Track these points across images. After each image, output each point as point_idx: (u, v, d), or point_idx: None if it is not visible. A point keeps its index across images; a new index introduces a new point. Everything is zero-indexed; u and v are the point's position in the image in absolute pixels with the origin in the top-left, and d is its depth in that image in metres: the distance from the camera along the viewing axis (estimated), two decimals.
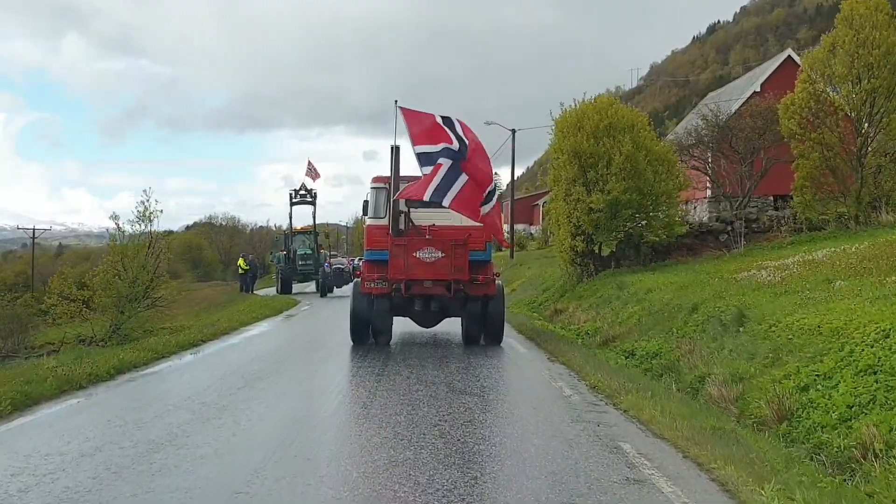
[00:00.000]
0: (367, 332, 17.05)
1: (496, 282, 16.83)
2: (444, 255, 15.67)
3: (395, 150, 15.79)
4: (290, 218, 42.31)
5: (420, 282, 15.88)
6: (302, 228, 43.13)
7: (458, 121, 14.78)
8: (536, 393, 11.88)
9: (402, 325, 19.35)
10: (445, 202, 14.43)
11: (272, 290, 42.66)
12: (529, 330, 21.18)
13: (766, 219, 28.51)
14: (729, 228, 28.89)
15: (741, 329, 13.22)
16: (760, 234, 28.62)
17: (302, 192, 41.68)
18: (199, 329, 22.35)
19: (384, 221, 16.27)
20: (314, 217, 42.68)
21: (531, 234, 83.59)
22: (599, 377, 12.54)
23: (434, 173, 14.44)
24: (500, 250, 40.14)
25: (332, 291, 38.97)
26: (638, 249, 29.05)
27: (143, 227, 27.14)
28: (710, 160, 33.72)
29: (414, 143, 14.72)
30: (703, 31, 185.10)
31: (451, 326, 20.32)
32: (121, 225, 26.68)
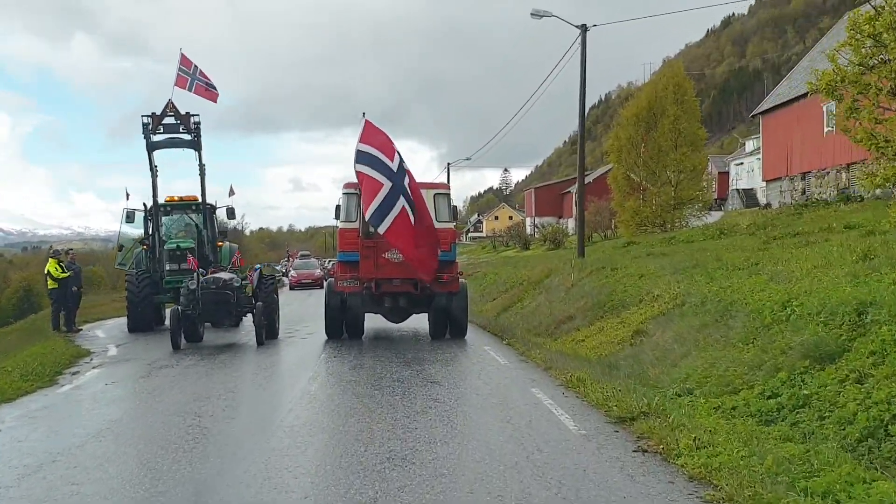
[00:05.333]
0: (341, 328, 16.15)
1: (460, 280, 16.30)
2: None
3: None
4: (153, 173, 18.94)
5: (389, 280, 15.29)
6: (180, 199, 19.86)
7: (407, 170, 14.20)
8: None
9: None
10: (381, 229, 13.91)
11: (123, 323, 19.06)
12: None
13: None
14: None
15: None
16: None
17: (171, 117, 18.28)
18: None
19: (355, 225, 15.44)
20: (202, 176, 19.27)
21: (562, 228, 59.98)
22: None
23: (376, 192, 13.70)
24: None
25: (201, 337, 15.44)
26: None
27: None
28: None
29: (359, 140, 13.99)
30: (718, 23, 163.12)
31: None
32: None
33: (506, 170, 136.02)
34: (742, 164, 60.61)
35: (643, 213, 40.08)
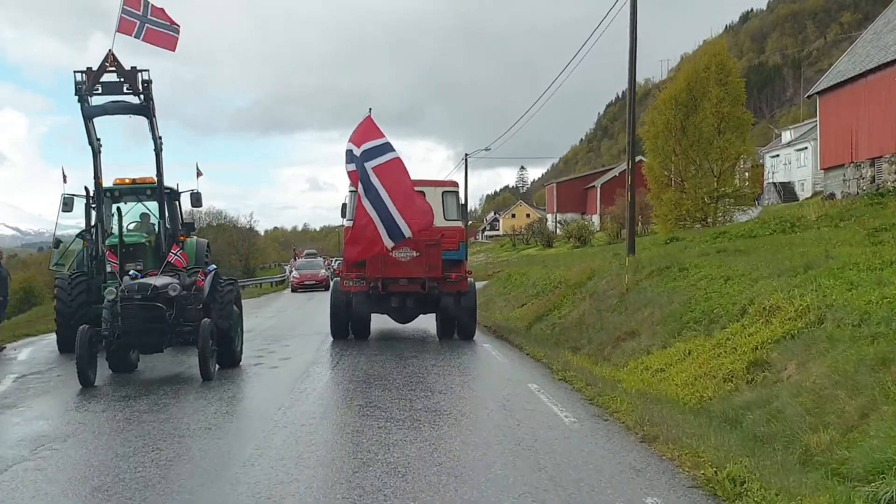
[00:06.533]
0: (347, 329, 15.35)
1: (468, 279, 15.27)
2: (418, 254, 14.36)
3: None
4: (94, 148, 14.31)
5: (396, 280, 14.55)
6: (132, 182, 15.25)
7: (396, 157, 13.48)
8: None
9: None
10: (406, 232, 13.36)
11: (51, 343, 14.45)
12: None
13: None
14: None
15: None
16: None
17: (112, 73, 13.65)
18: None
19: None
20: (157, 153, 14.57)
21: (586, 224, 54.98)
22: None
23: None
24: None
25: (134, 366, 10.84)
26: None
27: None
28: None
29: (350, 140, 13.66)
30: (736, 19, 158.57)
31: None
32: None
33: (522, 167, 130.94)
34: (778, 155, 55.47)
35: (683, 206, 35.16)
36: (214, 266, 11.93)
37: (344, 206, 15.41)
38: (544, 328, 17.93)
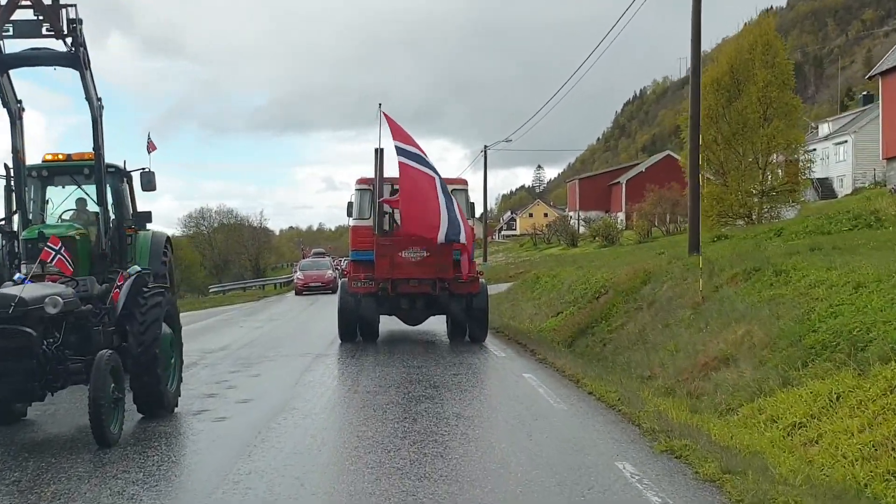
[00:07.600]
0: (355, 331, 14.83)
1: (480, 280, 14.65)
2: (428, 254, 13.87)
3: (380, 153, 14.28)
4: (12, 111, 10.65)
5: (406, 281, 14.11)
6: (67, 158, 11.55)
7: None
8: None
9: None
10: (462, 237, 13.50)
11: None
12: None
13: None
14: None
15: None
16: None
17: (27, 8, 9.96)
18: None
19: (369, 222, 14.50)
20: (95, 121, 10.89)
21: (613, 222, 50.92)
22: None
23: (430, 186, 13.48)
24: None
25: (19, 414, 7.07)
26: None
27: None
28: None
29: (396, 139, 13.64)
30: (755, 17, 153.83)
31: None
32: None
33: (539, 167, 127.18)
34: (815, 150, 51.29)
35: (726, 201, 31.23)
36: (139, 267, 8.20)
37: (350, 204, 14.90)
38: (592, 345, 14.18)
